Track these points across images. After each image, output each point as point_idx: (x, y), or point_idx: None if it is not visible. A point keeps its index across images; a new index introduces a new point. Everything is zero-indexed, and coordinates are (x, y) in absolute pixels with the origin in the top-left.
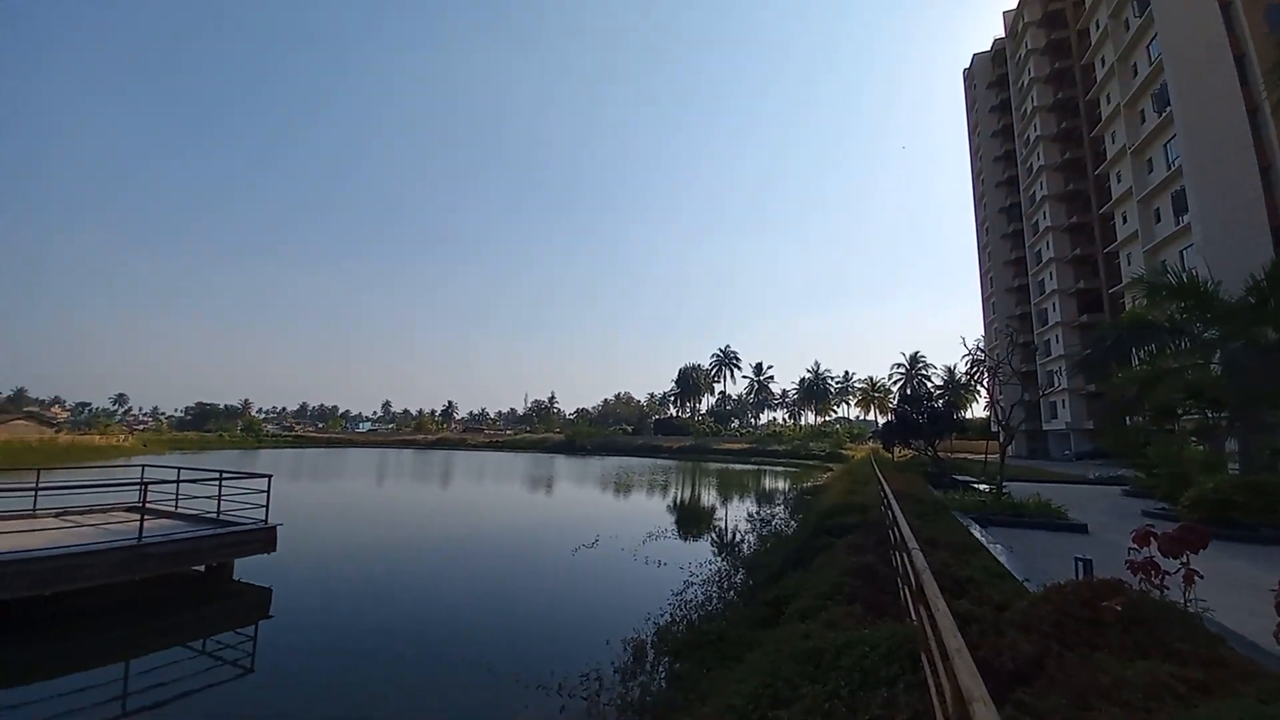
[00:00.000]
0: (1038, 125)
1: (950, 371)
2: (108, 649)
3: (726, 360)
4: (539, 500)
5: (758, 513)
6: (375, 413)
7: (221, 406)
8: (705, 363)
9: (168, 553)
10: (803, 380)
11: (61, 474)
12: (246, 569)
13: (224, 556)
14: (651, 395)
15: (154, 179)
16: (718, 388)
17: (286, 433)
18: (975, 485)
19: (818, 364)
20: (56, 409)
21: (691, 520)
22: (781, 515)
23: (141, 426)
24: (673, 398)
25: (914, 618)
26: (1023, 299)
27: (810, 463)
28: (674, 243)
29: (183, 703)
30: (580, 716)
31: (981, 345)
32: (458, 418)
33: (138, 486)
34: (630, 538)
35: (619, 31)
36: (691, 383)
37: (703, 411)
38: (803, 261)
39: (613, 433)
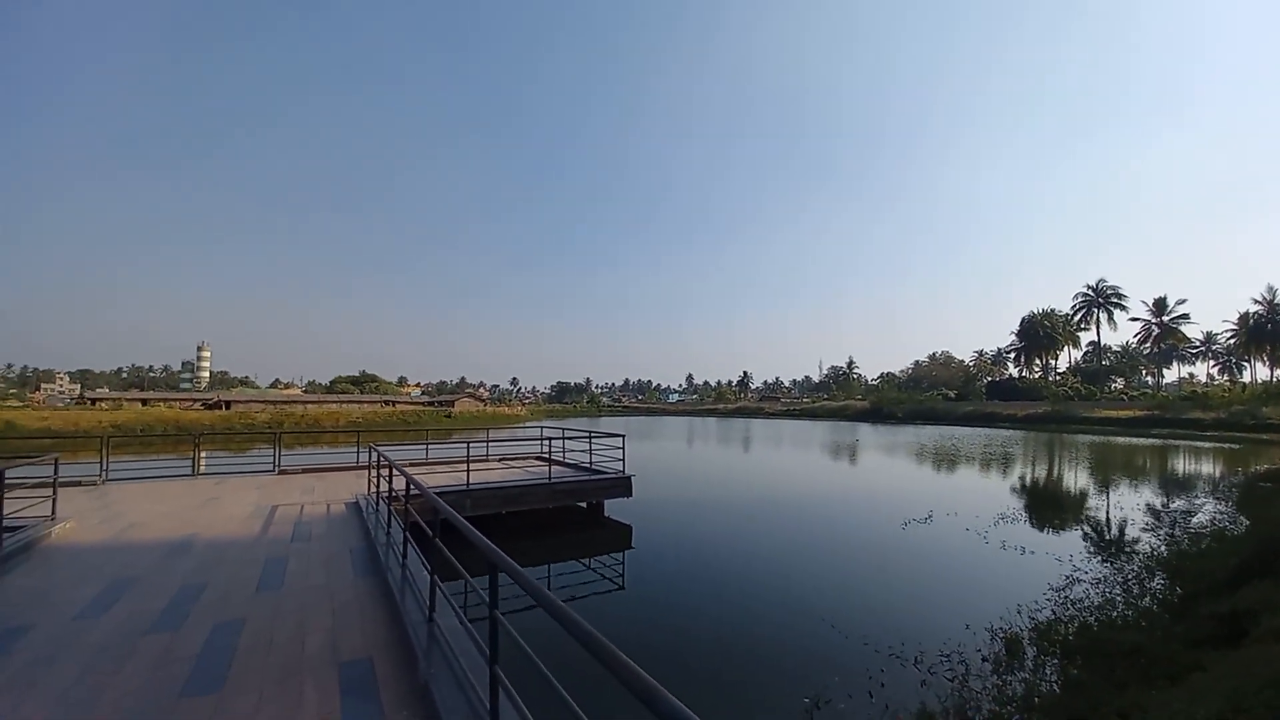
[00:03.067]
0: None
1: None
2: (533, 555)
3: (1100, 299)
4: (849, 469)
5: (1165, 503)
6: (680, 385)
7: (572, 384)
8: (1064, 307)
9: (566, 490)
10: (1246, 316)
11: (495, 433)
12: (612, 509)
13: (598, 497)
14: (980, 354)
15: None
16: (1085, 337)
17: (616, 403)
18: None
19: (1275, 291)
20: (482, 389)
21: (1054, 504)
22: (1217, 508)
23: (527, 400)
24: (1012, 354)
25: None
26: None
27: (1263, 436)
28: (962, 168)
29: (583, 601)
30: (947, 696)
31: None
32: (753, 387)
33: (538, 442)
34: (971, 516)
35: None
36: (1043, 333)
37: (1060, 369)
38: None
39: (929, 398)
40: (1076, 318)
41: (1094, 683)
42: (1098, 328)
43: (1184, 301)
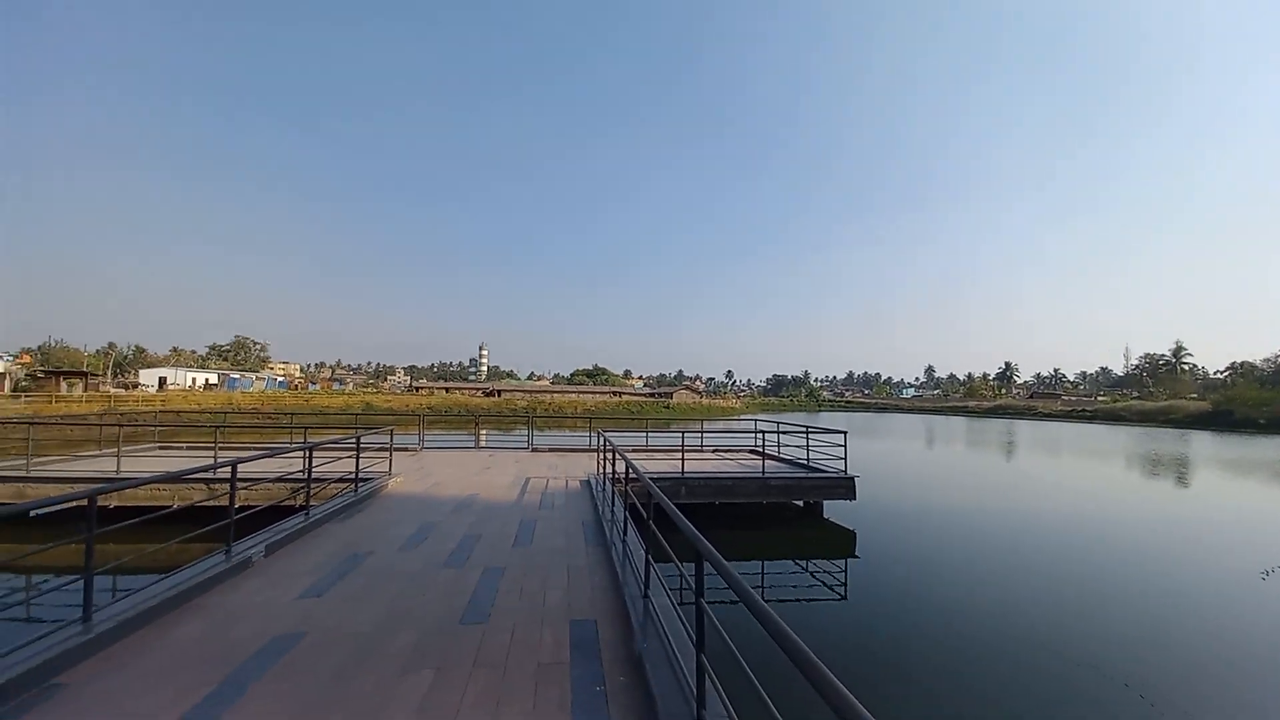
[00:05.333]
0: None
1: None
2: (744, 548)
3: None
4: (1175, 491)
5: None
6: (917, 378)
7: (789, 377)
8: None
9: (781, 486)
10: None
11: (708, 424)
12: (831, 511)
13: (817, 497)
14: None
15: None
16: None
17: (838, 398)
18: None
19: None
20: (698, 382)
21: None
22: None
23: (742, 393)
24: None
25: None
26: None
27: None
28: None
29: (799, 606)
30: None
31: None
32: (1019, 381)
33: (752, 435)
34: None
35: None
36: None
37: None
38: None
39: None
40: None
41: None
42: None
43: None
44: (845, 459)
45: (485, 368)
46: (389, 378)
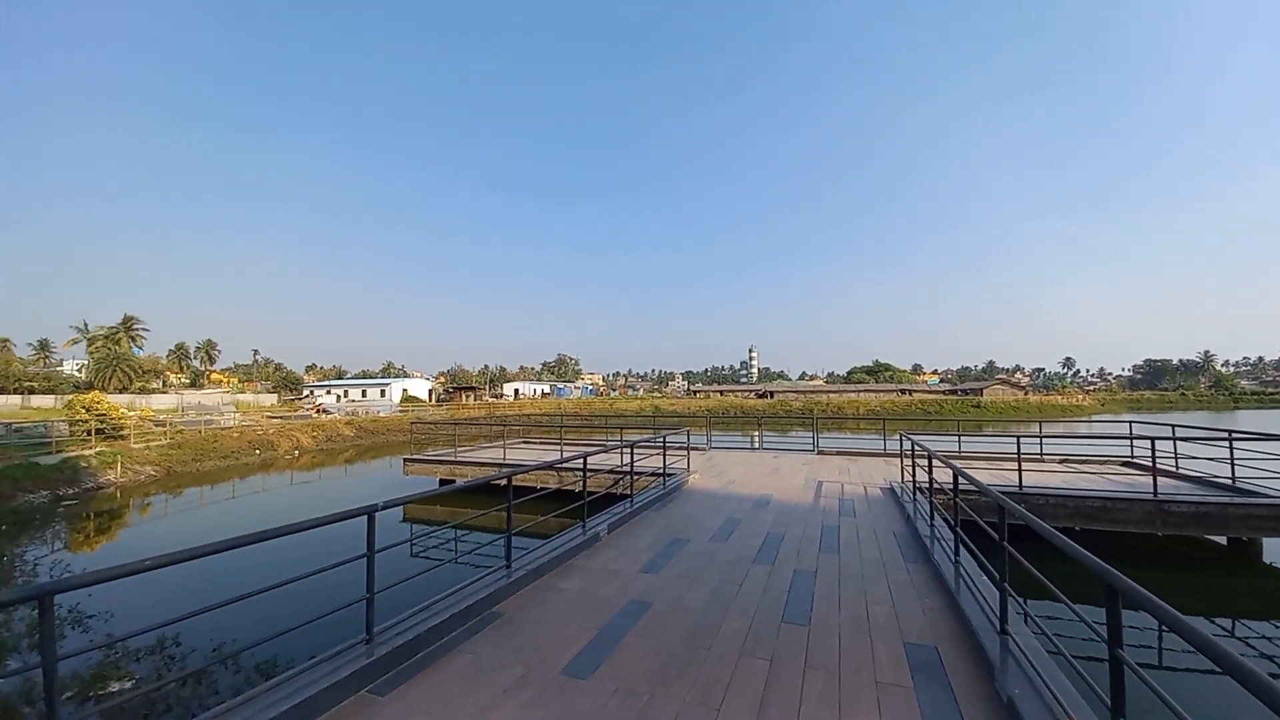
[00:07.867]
0: None
1: None
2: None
3: None
4: None
5: None
6: None
7: (1175, 362)
8: None
9: (1188, 514)
10: None
11: (1047, 427)
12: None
13: (1253, 532)
14: None
15: None
16: None
17: (1270, 389)
18: None
19: None
20: (1019, 375)
21: None
22: None
23: (1091, 387)
24: None
25: None
26: None
27: None
28: None
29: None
30: None
31: None
32: None
33: (1126, 442)
34: None
35: None
36: None
37: None
38: None
39: None
40: None
41: None
42: None
43: None
44: None
45: (756, 370)
46: (670, 383)
